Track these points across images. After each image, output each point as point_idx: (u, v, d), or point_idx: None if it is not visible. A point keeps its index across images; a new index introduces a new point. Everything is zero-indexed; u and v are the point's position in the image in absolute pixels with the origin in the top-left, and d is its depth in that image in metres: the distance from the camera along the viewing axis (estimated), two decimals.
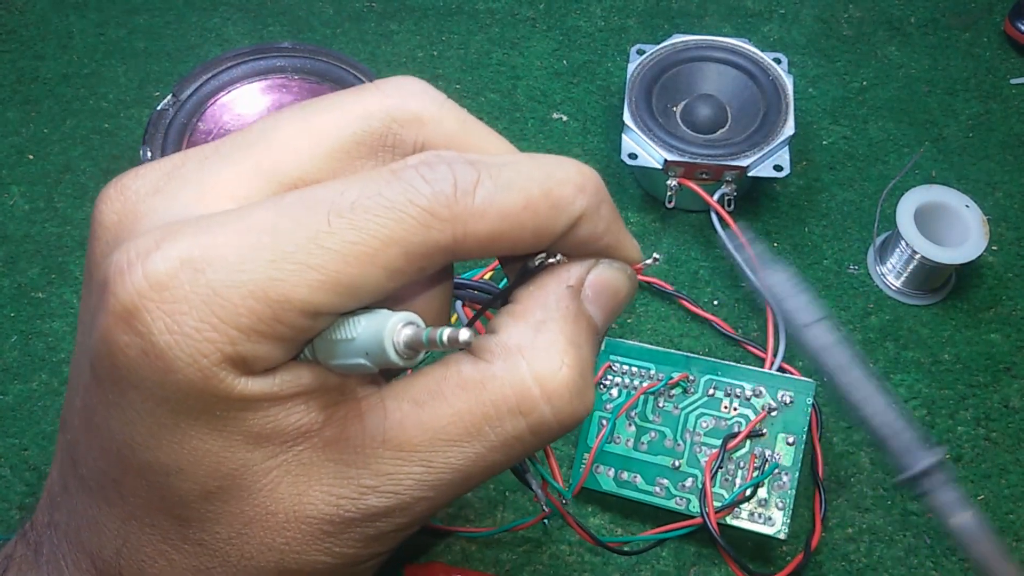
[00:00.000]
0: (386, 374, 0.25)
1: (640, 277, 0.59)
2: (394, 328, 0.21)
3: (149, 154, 0.56)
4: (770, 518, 0.48)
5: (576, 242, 0.24)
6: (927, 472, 0.24)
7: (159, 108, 0.58)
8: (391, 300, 0.25)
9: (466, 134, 0.25)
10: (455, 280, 0.28)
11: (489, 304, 0.27)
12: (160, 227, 0.21)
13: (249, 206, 0.22)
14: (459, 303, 0.49)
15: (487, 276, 0.55)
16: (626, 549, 0.49)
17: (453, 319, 0.53)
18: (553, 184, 0.23)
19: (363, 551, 0.23)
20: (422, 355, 0.22)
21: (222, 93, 0.59)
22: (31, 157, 0.64)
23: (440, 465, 0.23)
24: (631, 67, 0.61)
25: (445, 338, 0.21)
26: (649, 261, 0.26)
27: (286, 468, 0.22)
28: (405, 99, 0.24)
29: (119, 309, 0.20)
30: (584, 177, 0.23)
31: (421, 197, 0.21)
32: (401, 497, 0.23)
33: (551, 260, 0.24)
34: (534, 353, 0.23)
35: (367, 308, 0.22)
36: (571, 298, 0.24)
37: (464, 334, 0.21)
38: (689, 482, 0.50)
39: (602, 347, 0.54)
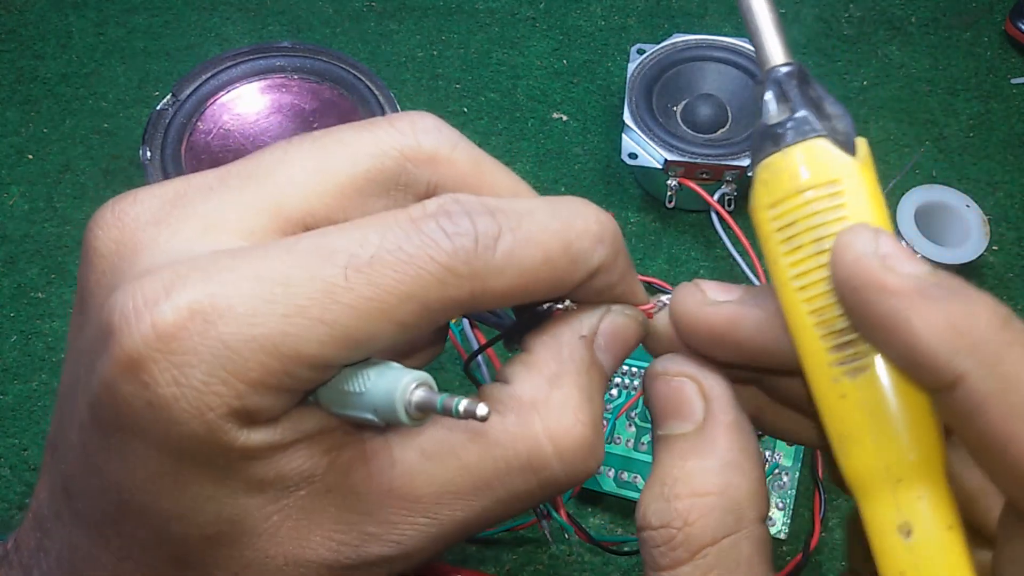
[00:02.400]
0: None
1: (641, 278, 0.59)
2: (406, 389, 0.21)
3: (148, 154, 0.56)
4: (770, 518, 0.48)
5: (590, 291, 0.24)
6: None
7: (158, 108, 0.58)
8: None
9: (479, 174, 0.24)
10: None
11: (493, 342, 0.26)
12: (165, 267, 0.20)
13: (261, 249, 0.21)
14: (465, 321, 0.49)
15: None
16: (625, 549, 0.49)
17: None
18: (573, 236, 0.22)
19: None
20: (431, 417, 0.21)
21: (222, 93, 0.59)
22: (31, 157, 0.64)
23: (446, 518, 0.22)
24: (631, 67, 0.61)
25: (462, 408, 0.20)
26: (662, 301, 0.26)
27: (287, 512, 0.22)
28: (419, 137, 0.24)
29: (125, 359, 0.20)
30: (602, 227, 0.23)
31: (442, 253, 0.20)
32: (403, 547, 0.22)
33: (560, 307, 0.24)
34: (548, 409, 0.23)
35: (377, 360, 0.22)
36: (585, 349, 0.24)
37: (482, 409, 0.20)
38: None
39: None
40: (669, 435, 0.24)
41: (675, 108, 0.61)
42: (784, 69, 0.24)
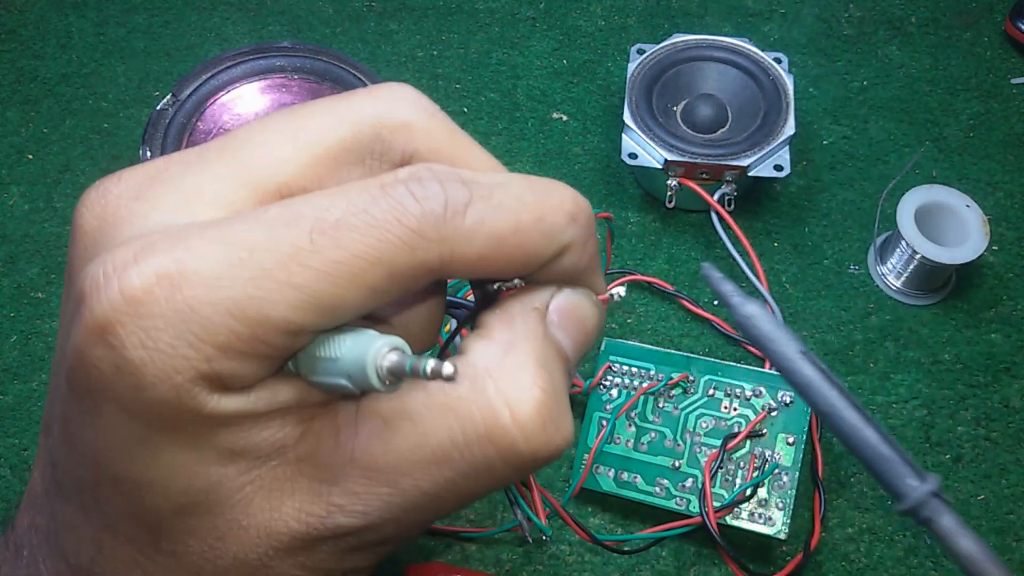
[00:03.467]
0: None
1: (640, 278, 0.59)
2: (378, 353, 0.21)
3: (149, 154, 0.56)
4: (770, 518, 0.48)
5: (554, 272, 0.23)
6: (924, 502, 0.23)
7: (158, 108, 0.58)
8: (381, 313, 0.24)
9: (454, 147, 0.24)
10: (448, 299, 0.27)
11: (457, 331, 0.26)
12: (139, 237, 0.21)
13: (230, 219, 0.21)
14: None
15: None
16: (625, 548, 0.49)
17: (446, 328, 0.53)
18: (546, 210, 0.22)
19: (336, 566, 0.23)
20: (405, 382, 0.21)
21: (222, 93, 0.59)
22: (31, 157, 0.64)
23: (408, 488, 0.22)
24: (631, 67, 0.61)
25: (429, 369, 0.20)
26: (614, 293, 0.25)
27: (259, 483, 0.22)
28: (396, 106, 0.24)
29: (93, 324, 0.20)
30: (577, 206, 0.23)
31: (409, 216, 0.20)
32: (369, 517, 0.22)
33: (510, 284, 0.24)
34: (502, 375, 0.22)
35: (354, 327, 0.22)
36: (537, 320, 0.24)
37: (447, 368, 0.20)
38: (689, 482, 0.50)
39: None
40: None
41: (675, 108, 0.61)
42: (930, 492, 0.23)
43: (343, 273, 0.20)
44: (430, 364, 0.20)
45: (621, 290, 0.26)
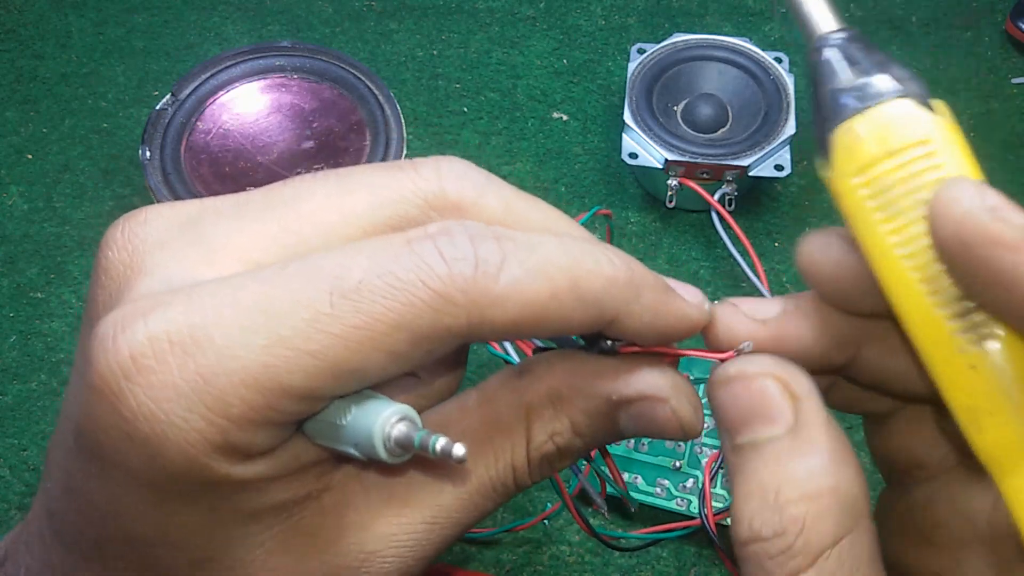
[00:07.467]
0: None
1: None
2: (386, 422, 0.20)
3: (148, 154, 0.56)
4: None
5: (627, 335, 0.22)
6: None
7: (158, 107, 0.58)
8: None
9: (510, 218, 0.23)
10: (537, 343, 0.27)
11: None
12: (155, 294, 0.20)
13: (247, 275, 0.20)
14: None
15: None
16: (622, 544, 0.49)
17: None
18: (581, 274, 0.21)
19: None
20: (411, 454, 0.21)
21: (221, 92, 0.59)
22: (30, 157, 0.64)
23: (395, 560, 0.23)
24: (632, 66, 0.61)
25: (438, 448, 0.20)
26: (743, 347, 0.25)
27: (280, 538, 0.21)
28: (443, 184, 0.22)
29: (103, 388, 0.19)
30: (615, 268, 0.21)
31: (435, 279, 0.19)
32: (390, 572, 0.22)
33: (621, 344, 0.23)
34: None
35: (365, 391, 0.21)
36: (606, 413, 0.24)
37: (459, 450, 0.19)
38: (690, 483, 0.49)
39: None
40: (756, 442, 0.22)
41: (675, 108, 0.61)
42: (847, 33, 0.23)
43: (363, 339, 0.19)
44: (440, 442, 0.20)
45: (748, 344, 0.24)
